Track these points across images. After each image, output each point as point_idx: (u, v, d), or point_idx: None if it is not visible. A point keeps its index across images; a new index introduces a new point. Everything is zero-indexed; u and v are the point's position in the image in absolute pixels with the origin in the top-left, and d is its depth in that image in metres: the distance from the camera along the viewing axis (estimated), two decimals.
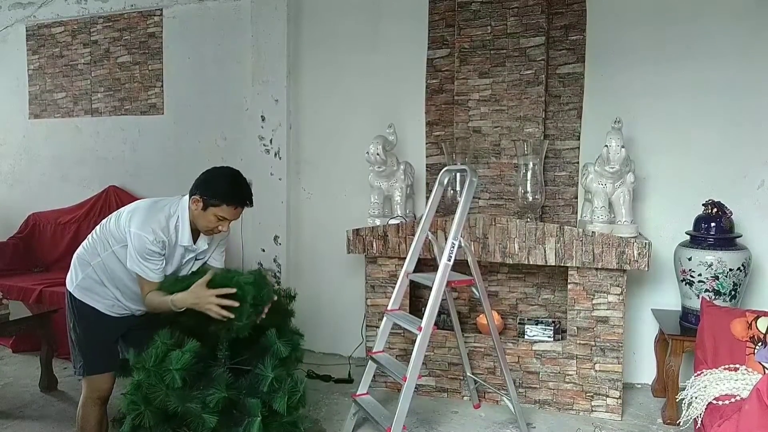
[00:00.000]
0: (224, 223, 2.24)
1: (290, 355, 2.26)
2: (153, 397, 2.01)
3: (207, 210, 2.20)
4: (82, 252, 2.37)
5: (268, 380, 2.12)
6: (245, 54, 4.29)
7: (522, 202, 3.33)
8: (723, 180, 3.43)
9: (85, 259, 2.34)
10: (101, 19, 4.86)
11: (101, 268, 2.30)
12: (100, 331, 2.34)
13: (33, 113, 5.22)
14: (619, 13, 3.56)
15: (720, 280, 3.09)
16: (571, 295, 3.17)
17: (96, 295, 2.33)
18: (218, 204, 2.19)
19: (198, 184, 2.25)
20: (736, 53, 3.40)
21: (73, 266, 2.39)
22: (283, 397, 2.11)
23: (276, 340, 2.22)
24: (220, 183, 2.23)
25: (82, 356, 2.35)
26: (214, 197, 2.19)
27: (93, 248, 2.33)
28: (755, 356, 2.47)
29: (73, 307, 2.36)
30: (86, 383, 2.38)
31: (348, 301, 4.08)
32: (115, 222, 2.29)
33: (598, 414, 3.15)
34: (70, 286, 2.37)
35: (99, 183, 4.86)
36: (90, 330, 2.34)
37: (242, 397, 2.11)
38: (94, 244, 2.34)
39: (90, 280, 2.32)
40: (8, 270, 4.53)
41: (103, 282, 2.31)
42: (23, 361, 3.94)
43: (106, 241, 2.29)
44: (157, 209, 2.24)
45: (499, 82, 3.55)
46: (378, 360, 2.78)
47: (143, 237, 2.16)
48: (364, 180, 3.76)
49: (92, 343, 2.34)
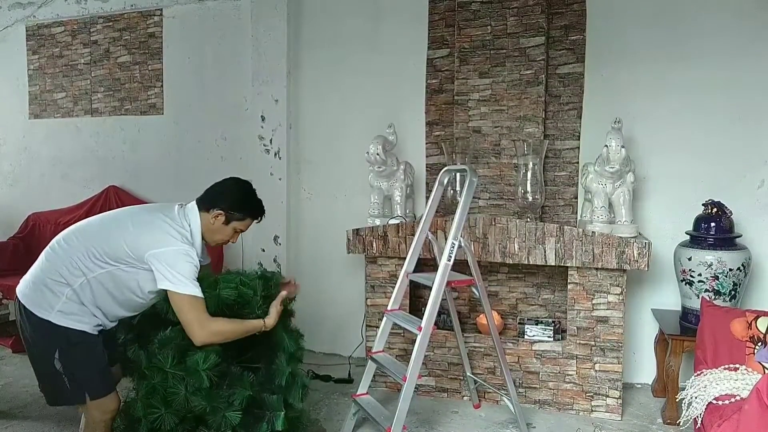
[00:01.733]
0: (237, 235, 2.26)
1: (295, 352, 2.30)
2: (172, 399, 2.00)
3: (229, 224, 2.20)
4: (51, 270, 2.11)
5: (285, 374, 2.16)
6: (245, 54, 4.29)
7: (522, 202, 3.33)
8: (723, 180, 3.43)
9: (59, 279, 2.09)
10: (101, 19, 4.86)
11: (84, 291, 2.09)
12: (95, 351, 2.15)
13: (33, 113, 5.21)
14: (619, 13, 3.56)
15: (720, 280, 3.09)
16: (571, 295, 3.17)
17: (79, 316, 2.10)
18: (243, 218, 2.21)
19: (217, 197, 2.20)
20: (736, 53, 3.40)
21: (39, 288, 2.11)
22: (297, 391, 2.16)
23: (285, 335, 2.25)
24: (244, 197, 2.23)
25: (80, 384, 2.12)
26: (240, 211, 2.20)
27: (70, 265, 2.09)
28: (755, 356, 2.47)
29: (54, 336, 2.09)
30: (93, 408, 2.17)
31: (348, 301, 4.07)
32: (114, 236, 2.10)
33: (598, 414, 3.15)
34: (45, 314, 2.08)
35: (99, 183, 4.86)
36: (85, 353, 2.12)
37: (258, 393, 2.14)
38: (70, 259, 2.09)
39: (71, 304, 2.09)
40: (8, 270, 4.52)
41: (84, 303, 2.10)
42: (23, 361, 3.93)
43: (96, 258, 2.08)
44: (171, 221, 2.13)
45: (499, 82, 3.55)
46: (378, 360, 2.78)
47: (179, 253, 2.02)
48: (364, 180, 3.76)
49: (91, 366, 2.14)
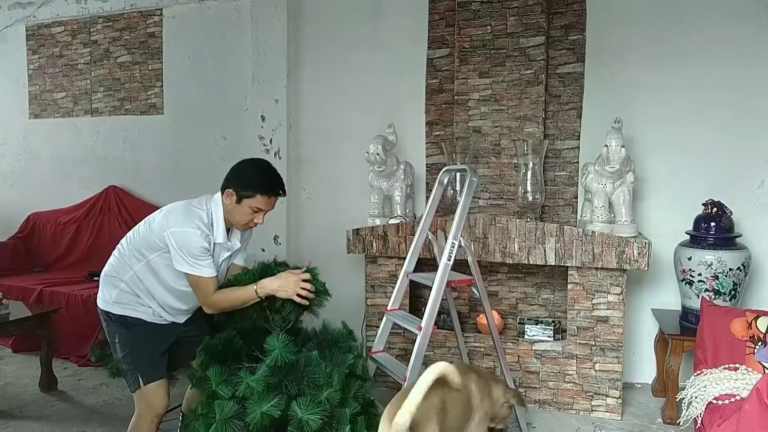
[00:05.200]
0: (260, 214, 2.22)
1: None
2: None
3: (241, 202, 2.18)
4: (110, 269, 2.28)
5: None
6: (245, 54, 4.29)
7: (522, 201, 3.33)
8: (723, 180, 3.43)
9: (115, 275, 2.25)
10: (101, 19, 4.86)
11: (135, 283, 2.22)
12: (151, 336, 2.25)
13: (33, 113, 5.22)
14: (618, 13, 3.56)
15: (720, 279, 3.09)
16: (571, 295, 3.17)
17: (136, 306, 2.24)
18: (252, 195, 2.17)
19: (229, 177, 2.21)
20: (736, 52, 3.40)
21: (103, 285, 2.29)
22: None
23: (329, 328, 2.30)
24: (251, 173, 2.20)
25: (135, 367, 2.23)
26: (247, 188, 2.16)
27: (122, 263, 2.24)
28: (755, 356, 2.47)
29: (113, 324, 2.25)
30: (142, 401, 2.25)
31: (348, 301, 4.07)
32: (146, 229, 2.20)
33: (598, 414, 3.15)
34: (105, 305, 2.26)
35: (99, 183, 4.87)
36: (140, 338, 2.23)
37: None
38: (122, 258, 2.25)
39: (126, 295, 2.24)
40: (8, 270, 4.53)
41: (139, 295, 2.24)
42: (23, 361, 3.94)
43: (138, 252, 2.21)
44: (193, 206, 2.19)
45: (499, 81, 3.55)
46: (378, 360, 2.77)
47: (189, 233, 2.09)
48: (364, 180, 3.76)
49: (144, 349, 2.23)
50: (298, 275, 2.19)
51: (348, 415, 2.07)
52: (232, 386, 2.03)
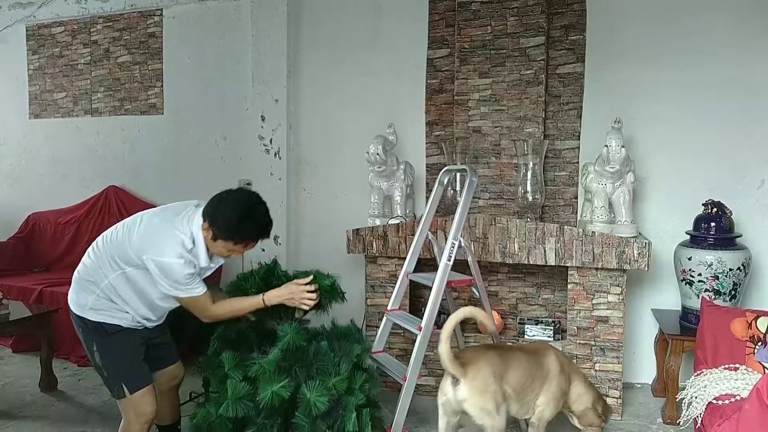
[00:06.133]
0: (238, 253, 2.15)
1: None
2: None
3: (216, 241, 2.09)
4: (85, 272, 2.18)
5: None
6: (245, 54, 4.29)
7: (522, 202, 3.33)
8: (723, 180, 3.43)
9: (90, 280, 2.16)
10: (101, 19, 4.86)
11: (111, 291, 2.15)
12: (132, 343, 2.20)
13: (33, 113, 5.22)
14: (618, 13, 3.56)
15: (720, 279, 3.09)
16: (571, 295, 3.17)
17: (114, 312, 2.17)
18: (226, 239, 2.08)
19: (208, 209, 2.09)
20: (736, 53, 3.40)
21: (77, 287, 2.20)
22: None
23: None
24: (229, 216, 2.05)
25: (118, 376, 2.17)
26: (223, 231, 2.06)
27: (97, 268, 2.15)
28: (755, 356, 2.47)
29: (90, 331, 2.17)
30: (129, 410, 2.19)
31: (348, 301, 4.06)
32: (125, 239, 2.11)
33: None
34: (79, 310, 2.17)
35: (99, 183, 4.87)
36: (120, 345, 2.17)
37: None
38: (98, 262, 2.16)
39: (103, 302, 2.16)
40: (8, 270, 4.53)
41: (115, 302, 2.16)
42: (23, 361, 3.94)
43: (114, 262, 2.12)
44: (176, 227, 2.08)
45: (499, 82, 3.55)
46: (378, 360, 2.78)
47: (172, 264, 2.02)
48: (364, 180, 3.76)
49: (127, 357, 2.18)
50: (302, 286, 2.30)
51: (354, 404, 2.12)
52: (243, 369, 2.13)
